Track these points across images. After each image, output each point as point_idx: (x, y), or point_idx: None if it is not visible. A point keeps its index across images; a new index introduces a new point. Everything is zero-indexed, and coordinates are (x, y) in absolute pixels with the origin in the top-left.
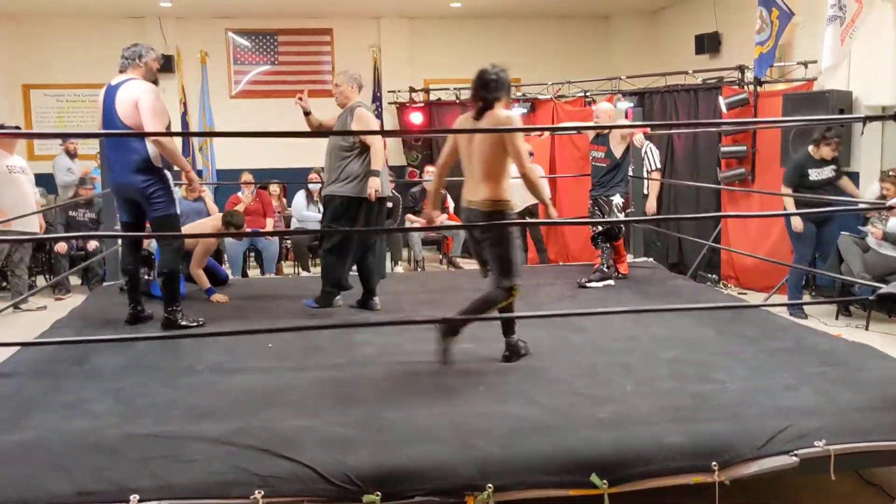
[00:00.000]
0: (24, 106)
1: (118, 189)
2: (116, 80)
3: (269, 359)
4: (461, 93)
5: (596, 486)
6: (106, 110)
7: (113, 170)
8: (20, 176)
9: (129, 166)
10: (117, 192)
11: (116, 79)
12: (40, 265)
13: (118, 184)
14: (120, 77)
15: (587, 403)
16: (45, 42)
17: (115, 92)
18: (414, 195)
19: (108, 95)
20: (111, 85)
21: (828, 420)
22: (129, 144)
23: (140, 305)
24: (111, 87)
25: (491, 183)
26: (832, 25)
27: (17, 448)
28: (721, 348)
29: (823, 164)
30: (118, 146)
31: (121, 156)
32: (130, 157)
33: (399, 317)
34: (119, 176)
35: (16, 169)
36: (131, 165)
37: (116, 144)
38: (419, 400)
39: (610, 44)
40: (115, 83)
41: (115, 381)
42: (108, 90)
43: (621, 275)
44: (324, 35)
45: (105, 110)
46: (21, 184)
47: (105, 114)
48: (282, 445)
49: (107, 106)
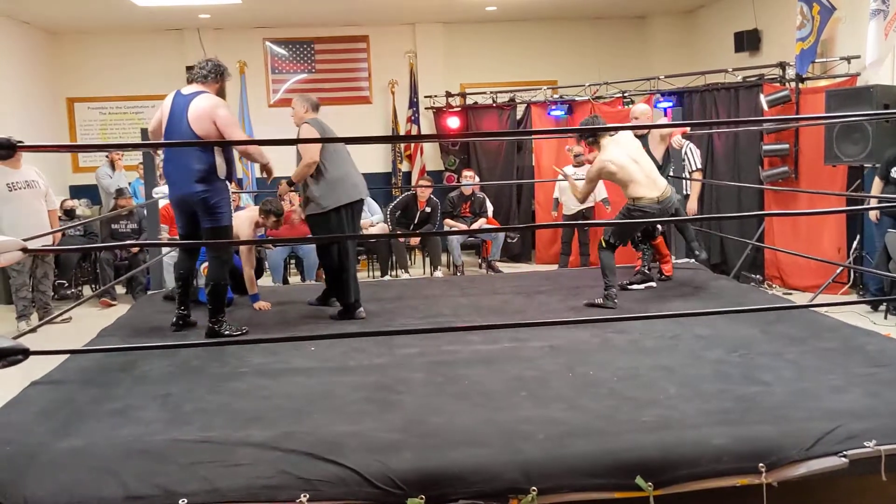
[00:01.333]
0: (69, 119)
1: (179, 201)
2: (188, 89)
3: (311, 362)
4: (497, 96)
5: (641, 489)
6: (176, 117)
7: (174, 181)
8: (23, 192)
9: (193, 176)
10: (178, 205)
11: (188, 88)
12: (86, 275)
13: (179, 196)
14: (192, 87)
15: (630, 406)
16: (88, 56)
17: (188, 101)
18: (452, 200)
19: (178, 103)
20: (182, 93)
21: (878, 421)
22: (196, 154)
23: (188, 310)
24: (182, 96)
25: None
26: (875, 19)
27: (67, 454)
28: (766, 349)
29: None
30: (182, 156)
31: (184, 165)
32: (195, 166)
33: (440, 321)
34: (180, 187)
35: (18, 185)
36: (194, 175)
37: (180, 154)
38: (461, 403)
39: (647, 44)
40: (188, 93)
41: (161, 388)
42: (179, 98)
43: (665, 276)
44: (360, 42)
45: (174, 117)
46: (24, 199)
47: (173, 121)
48: (326, 449)
49: (177, 113)
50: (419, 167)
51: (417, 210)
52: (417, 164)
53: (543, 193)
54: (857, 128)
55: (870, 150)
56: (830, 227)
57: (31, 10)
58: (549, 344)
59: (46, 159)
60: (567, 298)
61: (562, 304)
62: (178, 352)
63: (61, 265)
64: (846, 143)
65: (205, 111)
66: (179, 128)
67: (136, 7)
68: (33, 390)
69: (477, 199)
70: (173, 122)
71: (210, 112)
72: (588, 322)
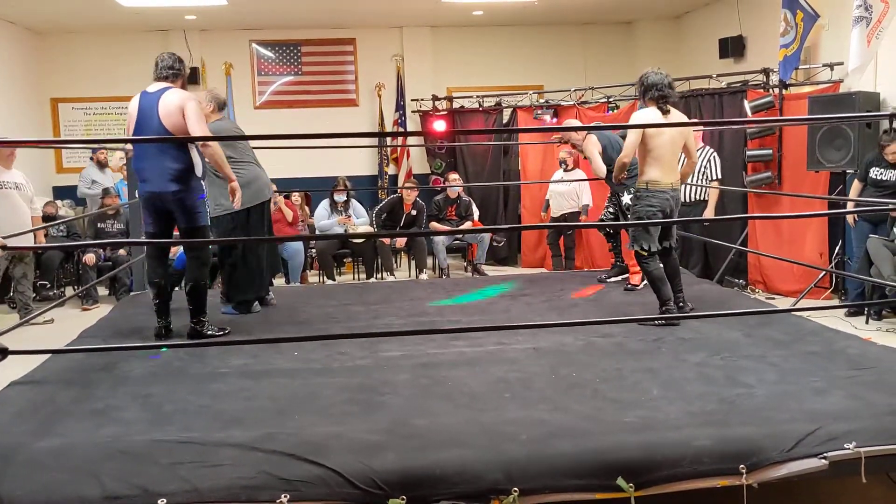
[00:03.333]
0: (53, 119)
1: (152, 198)
2: (154, 87)
3: (294, 363)
4: (484, 100)
5: (622, 490)
6: (144, 116)
7: (148, 178)
8: (12, 192)
9: (168, 174)
10: (150, 201)
11: (154, 87)
12: (69, 276)
13: (154, 193)
14: (158, 85)
15: (613, 408)
16: (73, 56)
17: (156, 98)
18: (438, 203)
19: (145, 101)
20: (148, 92)
21: (858, 423)
22: (171, 152)
23: (169, 319)
24: (149, 94)
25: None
26: (858, 26)
27: (46, 454)
28: (749, 352)
29: (890, 166)
30: (157, 154)
31: (159, 164)
32: (171, 165)
33: (424, 322)
34: (155, 185)
35: (8, 185)
36: (170, 174)
37: (155, 152)
38: (444, 405)
39: (633, 49)
40: (154, 90)
41: (142, 388)
42: (146, 96)
43: (631, 286)
44: (347, 45)
45: (143, 116)
46: (13, 199)
47: (142, 119)
48: (308, 450)
49: (146, 111)
50: (406, 170)
51: (403, 213)
52: (404, 167)
53: (530, 197)
54: (840, 134)
55: (852, 156)
56: (813, 232)
57: (17, 9)
58: (534, 346)
59: (30, 160)
60: (551, 300)
61: (545, 305)
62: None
63: (43, 266)
64: (829, 149)
65: (175, 105)
66: (150, 125)
67: (121, 7)
68: (12, 390)
69: (463, 203)
70: (143, 120)
71: (180, 105)
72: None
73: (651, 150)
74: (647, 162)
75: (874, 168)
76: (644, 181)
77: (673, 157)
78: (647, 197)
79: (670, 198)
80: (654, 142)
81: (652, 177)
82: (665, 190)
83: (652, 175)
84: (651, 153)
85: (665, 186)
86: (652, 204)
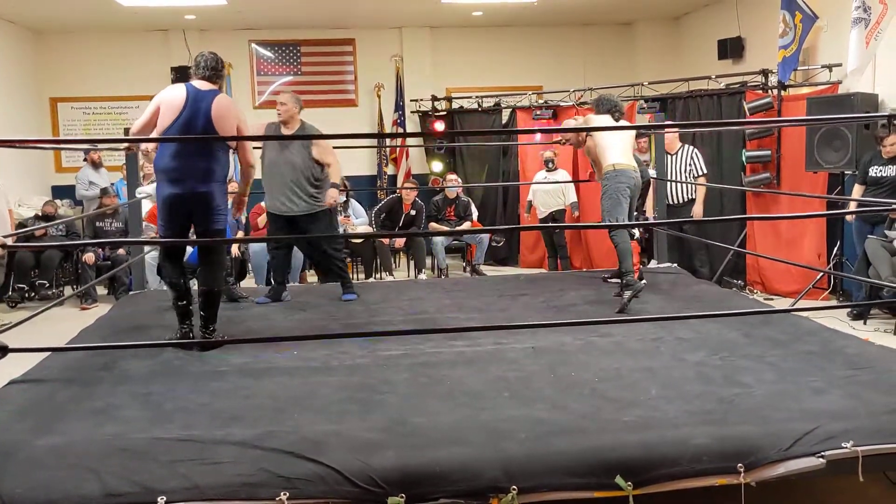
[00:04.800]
0: (52, 119)
1: (179, 199)
2: (203, 86)
3: (293, 362)
4: (483, 101)
5: (621, 488)
6: (193, 113)
7: (180, 178)
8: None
9: (207, 175)
10: (176, 202)
11: (202, 85)
12: (67, 275)
13: (189, 192)
14: (207, 85)
15: (612, 407)
16: (71, 56)
17: (210, 98)
18: (437, 203)
19: (196, 98)
20: (200, 90)
21: (856, 422)
22: (216, 153)
23: (192, 322)
24: (201, 91)
25: None
26: (857, 28)
27: (46, 452)
28: (748, 352)
29: (888, 162)
30: (200, 153)
31: (200, 163)
32: (212, 165)
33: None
34: (187, 185)
35: None
36: (210, 174)
37: (198, 151)
38: (443, 403)
39: (632, 50)
40: (205, 89)
41: (142, 387)
42: (197, 93)
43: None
44: (346, 45)
45: (192, 113)
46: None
47: (190, 116)
48: (307, 448)
49: (196, 109)
50: (405, 170)
51: (402, 213)
52: (403, 167)
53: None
54: (838, 135)
55: (850, 158)
56: (811, 233)
57: (16, 8)
58: (532, 345)
59: (29, 159)
60: (551, 300)
61: (545, 305)
62: (159, 351)
63: (42, 265)
64: (827, 151)
65: (230, 112)
66: (196, 125)
67: (120, 7)
68: (12, 388)
69: (461, 203)
70: (189, 117)
71: (235, 113)
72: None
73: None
74: (602, 152)
75: (873, 166)
76: (611, 164)
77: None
78: (616, 176)
79: (633, 177)
80: (613, 138)
81: (614, 159)
82: (628, 170)
83: (613, 158)
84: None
85: (628, 167)
86: (620, 181)
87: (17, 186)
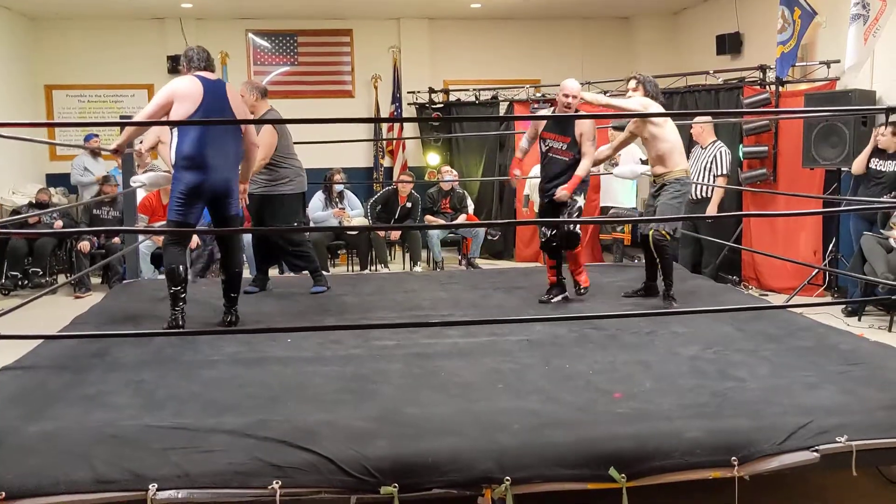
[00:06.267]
0: (47, 107)
1: (210, 186)
2: (211, 76)
3: (287, 351)
4: (481, 94)
5: (614, 480)
6: (216, 103)
7: (213, 165)
8: None
9: (234, 161)
10: (208, 189)
11: (209, 75)
12: (61, 263)
13: (221, 179)
14: (212, 75)
15: (606, 399)
16: (67, 43)
17: (222, 88)
18: (432, 195)
19: (212, 88)
20: (210, 80)
21: (850, 417)
22: (238, 140)
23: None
24: (213, 82)
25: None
26: (855, 24)
27: (37, 438)
28: (742, 346)
29: (890, 157)
30: (233, 141)
31: (227, 150)
32: (238, 153)
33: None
34: (220, 172)
35: None
36: (236, 161)
37: (229, 138)
38: (437, 394)
39: (631, 44)
40: (214, 79)
41: (134, 374)
42: (211, 84)
43: (584, 289)
44: (344, 36)
45: (213, 103)
46: None
47: (213, 105)
48: (300, 437)
49: (216, 99)
50: (401, 162)
51: (398, 205)
52: (399, 159)
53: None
54: (835, 131)
55: (847, 154)
56: (807, 229)
57: None
58: (527, 338)
59: (24, 146)
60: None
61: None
62: (151, 339)
63: (36, 253)
64: (824, 147)
65: (241, 101)
66: (222, 114)
67: None
68: (4, 375)
69: (456, 195)
70: (214, 107)
71: (244, 103)
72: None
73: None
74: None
75: (874, 158)
76: (683, 169)
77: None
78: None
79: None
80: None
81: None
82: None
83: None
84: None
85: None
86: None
87: (12, 174)
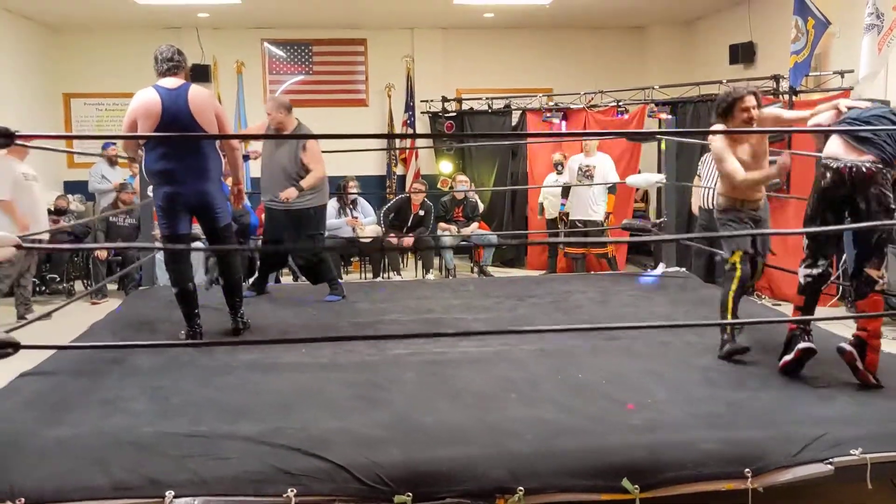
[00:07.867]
0: (65, 115)
1: (188, 197)
2: (172, 83)
3: (301, 358)
4: (493, 102)
5: (627, 491)
6: (172, 113)
7: (180, 179)
8: (33, 184)
9: (205, 174)
10: (185, 200)
11: (170, 82)
12: (77, 269)
13: (193, 192)
14: (175, 81)
15: (619, 409)
16: (85, 52)
17: (182, 94)
18: (445, 204)
19: (168, 99)
20: (170, 89)
21: (864, 429)
22: (212, 153)
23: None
24: (169, 91)
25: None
26: (869, 34)
27: (55, 444)
28: (755, 356)
29: None
30: (198, 152)
31: (198, 162)
32: (209, 164)
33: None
34: (192, 184)
35: (29, 177)
36: (207, 173)
37: (195, 150)
38: (450, 403)
39: (644, 54)
40: (174, 86)
41: (151, 381)
42: (167, 93)
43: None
44: (358, 45)
45: (173, 116)
46: (34, 191)
47: (169, 118)
48: (315, 445)
49: (173, 108)
50: (414, 171)
51: (411, 213)
52: (412, 167)
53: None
54: None
55: None
56: None
57: (33, 5)
58: (540, 347)
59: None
60: (557, 302)
61: (552, 307)
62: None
63: (53, 259)
64: None
65: (207, 103)
66: (179, 124)
67: (136, 5)
68: (22, 381)
69: (469, 203)
70: (169, 121)
71: (211, 103)
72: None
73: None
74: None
75: None
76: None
77: None
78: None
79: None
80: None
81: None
82: None
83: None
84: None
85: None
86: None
87: None
